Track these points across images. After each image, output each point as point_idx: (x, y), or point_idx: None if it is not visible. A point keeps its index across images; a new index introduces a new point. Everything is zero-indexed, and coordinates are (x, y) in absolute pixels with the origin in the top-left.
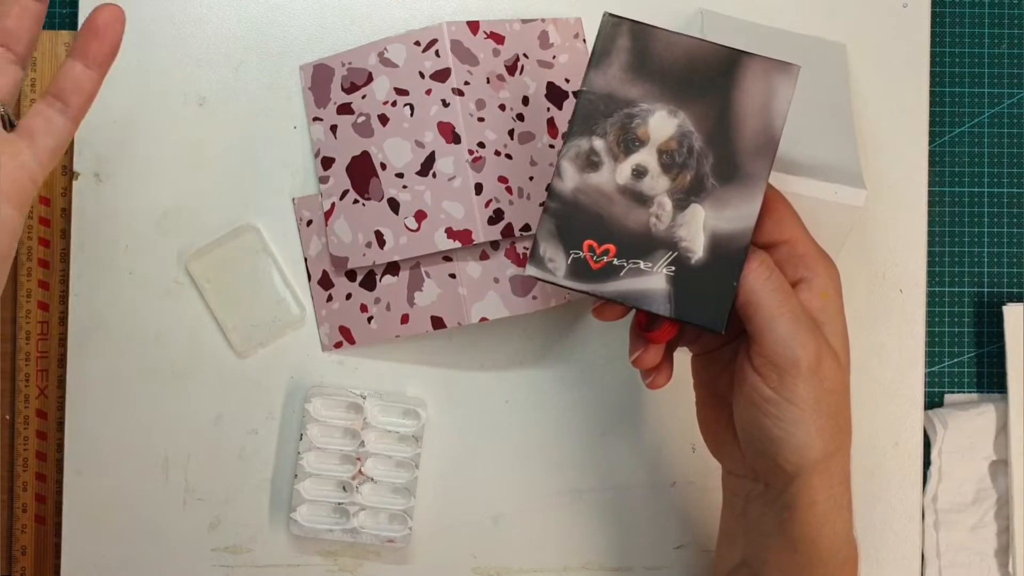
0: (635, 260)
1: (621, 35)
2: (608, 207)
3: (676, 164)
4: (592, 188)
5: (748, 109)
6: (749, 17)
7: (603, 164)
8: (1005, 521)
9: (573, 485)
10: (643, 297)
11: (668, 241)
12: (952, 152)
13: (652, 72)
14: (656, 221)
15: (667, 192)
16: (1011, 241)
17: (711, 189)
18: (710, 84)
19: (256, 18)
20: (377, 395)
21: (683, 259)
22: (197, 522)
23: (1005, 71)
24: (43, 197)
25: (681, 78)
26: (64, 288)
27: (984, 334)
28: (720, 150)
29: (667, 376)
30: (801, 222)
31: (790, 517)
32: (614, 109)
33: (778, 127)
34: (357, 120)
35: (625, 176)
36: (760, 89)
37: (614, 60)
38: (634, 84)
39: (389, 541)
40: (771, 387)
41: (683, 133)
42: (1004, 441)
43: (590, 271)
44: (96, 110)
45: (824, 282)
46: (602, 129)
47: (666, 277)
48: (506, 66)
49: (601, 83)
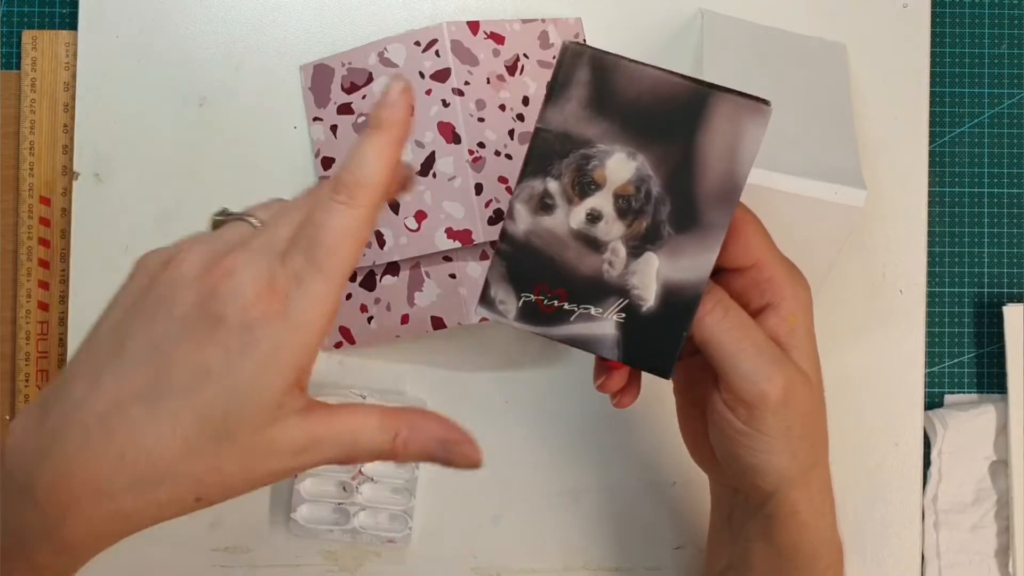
0: (586, 306)
1: (581, 66)
2: (561, 251)
3: (632, 210)
4: (545, 231)
5: (713, 152)
6: (749, 17)
7: (557, 207)
8: (1005, 521)
9: (573, 485)
10: (593, 342)
11: (620, 288)
12: (952, 152)
13: (612, 109)
14: (609, 267)
15: (621, 238)
16: (1011, 241)
17: (667, 237)
18: (674, 123)
19: (256, 18)
20: (377, 395)
21: (634, 307)
22: (197, 522)
23: (1005, 71)
24: (43, 197)
25: (643, 116)
26: (64, 288)
27: (984, 334)
28: (679, 197)
29: (633, 395)
30: (769, 241)
31: (772, 526)
32: (570, 149)
33: (743, 174)
34: (357, 120)
35: (579, 220)
36: (728, 131)
37: (572, 95)
38: (592, 122)
39: (389, 541)
40: (742, 420)
41: (641, 177)
42: (1004, 441)
43: (540, 314)
44: (96, 110)
45: (792, 305)
46: (557, 170)
47: (616, 324)
48: (506, 66)
49: (558, 120)
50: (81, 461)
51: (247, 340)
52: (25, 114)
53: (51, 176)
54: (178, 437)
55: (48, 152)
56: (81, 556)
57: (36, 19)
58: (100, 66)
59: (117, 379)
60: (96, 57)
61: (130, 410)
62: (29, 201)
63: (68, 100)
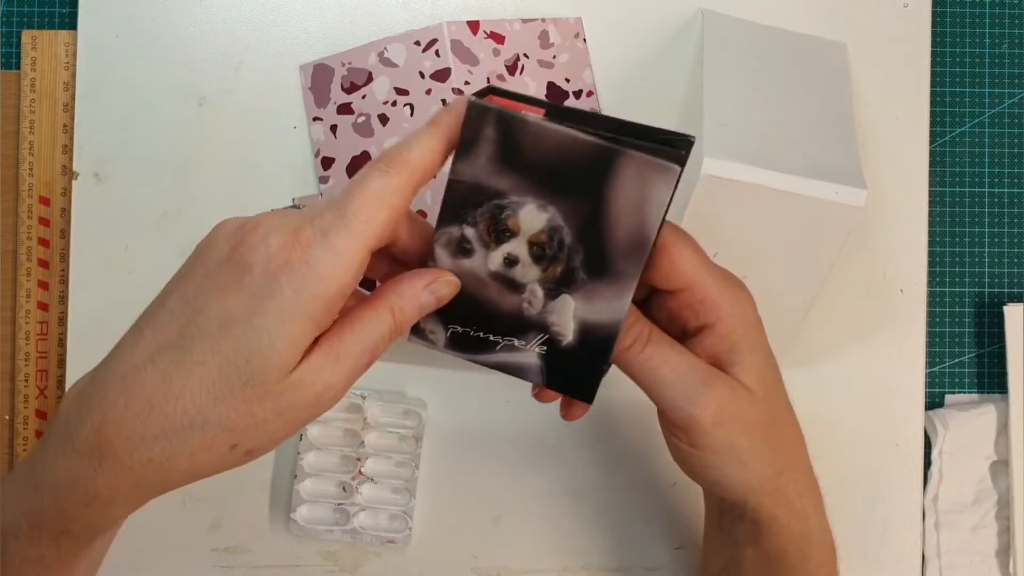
0: (509, 338)
1: (487, 124)
2: (482, 290)
3: (547, 256)
4: (466, 272)
5: (621, 208)
6: (749, 17)
7: (475, 251)
8: (1006, 521)
9: (573, 485)
10: (519, 369)
11: (540, 324)
12: (953, 152)
13: (521, 164)
14: (528, 306)
15: (538, 281)
16: (1012, 241)
17: (581, 283)
18: (582, 179)
19: (256, 18)
20: (377, 395)
21: (554, 340)
22: (197, 522)
23: (1006, 71)
24: (43, 197)
25: (551, 171)
26: (64, 288)
27: (984, 334)
28: (591, 246)
29: (582, 409)
30: (700, 260)
31: (756, 531)
32: (483, 199)
33: (651, 230)
34: (357, 120)
35: (497, 263)
36: (634, 188)
37: (481, 151)
38: (502, 175)
39: (389, 541)
40: (684, 442)
41: (553, 227)
42: (1005, 441)
43: (468, 343)
44: (96, 110)
45: (729, 323)
46: (472, 218)
47: (538, 355)
48: (506, 66)
49: (469, 173)
50: (117, 410)
51: (271, 287)
52: (25, 114)
53: (51, 176)
54: (205, 384)
55: (48, 152)
56: (111, 512)
57: (36, 19)
58: (100, 66)
59: (154, 331)
60: (96, 57)
61: (161, 360)
62: (29, 201)
63: (68, 100)
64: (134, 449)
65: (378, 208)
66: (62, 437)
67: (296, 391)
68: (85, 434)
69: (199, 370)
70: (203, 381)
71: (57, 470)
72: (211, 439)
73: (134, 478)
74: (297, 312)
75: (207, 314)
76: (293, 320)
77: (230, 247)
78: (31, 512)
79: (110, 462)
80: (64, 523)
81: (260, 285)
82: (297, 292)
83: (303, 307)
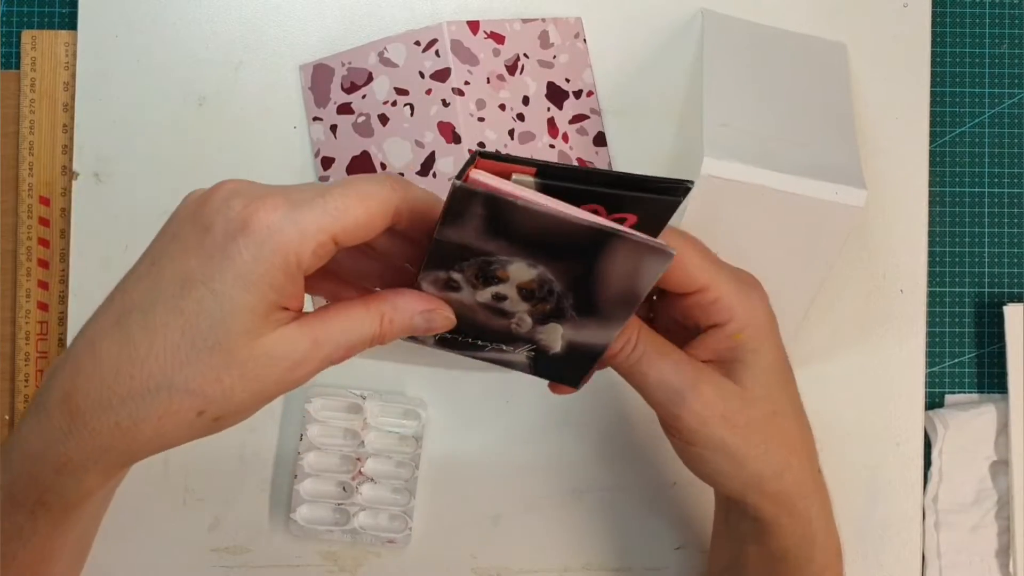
0: (498, 344)
1: (474, 204)
2: (470, 314)
3: (536, 298)
4: (454, 301)
5: (612, 277)
6: (749, 17)
7: (463, 288)
8: (1006, 521)
9: (573, 485)
10: (506, 364)
11: (528, 339)
12: (952, 152)
13: (511, 236)
14: (516, 327)
15: (527, 312)
16: (1012, 241)
17: (570, 318)
18: (575, 252)
19: (256, 18)
20: (377, 395)
21: (542, 350)
22: (197, 522)
23: (1006, 71)
24: (43, 197)
25: (543, 244)
26: (64, 288)
27: (984, 334)
28: (581, 295)
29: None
30: (712, 263)
31: (761, 529)
32: (470, 256)
33: (642, 292)
34: (357, 120)
35: (486, 299)
36: (627, 265)
37: (468, 224)
38: (491, 241)
39: (389, 541)
40: (679, 439)
41: (542, 280)
42: (1005, 441)
43: (457, 345)
44: (96, 110)
45: (737, 324)
46: (459, 267)
47: (527, 356)
48: (506, 66)
49: (455, 236)
50: (84, 375)
51: (228, 249)
52: (25, 114)
53: (51, 176)
54: (169, 346)
55: (48, 152)
56: (84, 481)
57: (36, 19)
58: (100, 66)
59: (122, 294)
60: (96, 57)
61: (127, 322)
62: (29, 201)
63: (68, 100)
64: (101, 412)
65: (357, 203)
66: (36, 406)
67: (263, 363)
68: (55, 399)
69: (163, 331)
70: (167, 343)
71: (29, 437)
72: (177, 403)
73: (102, 442)
74: (255, 279)
75: (168, 274)
76: (250, 286)
77: (197, 205)
78: (5, 483)
79: (78, 426)
80: (37, 492)
81: (219, 246)
82: (255, 258)
83: (261, 274)
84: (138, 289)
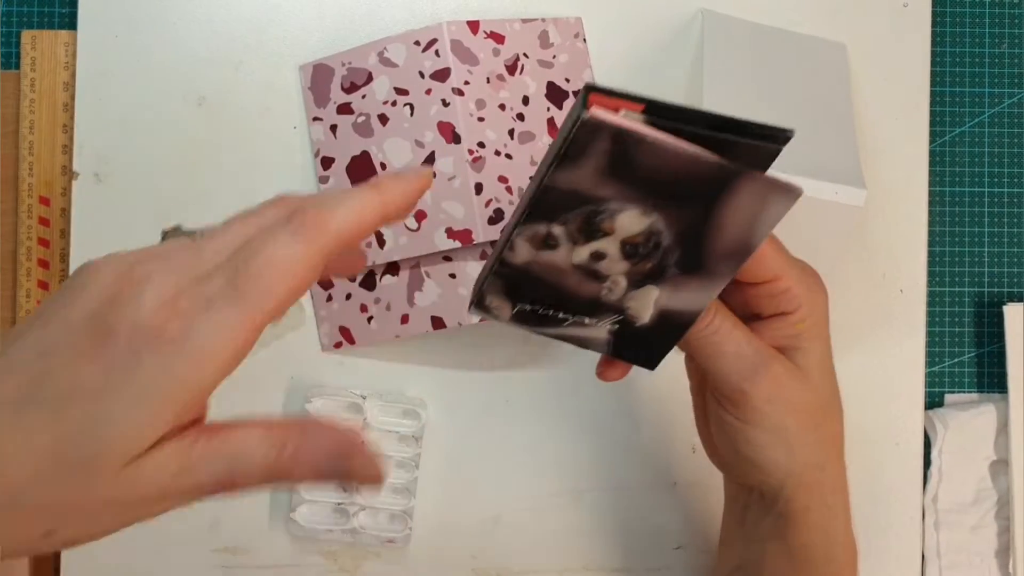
0: (580, 316)
1: (600, 140)
2: (560, 278)
3: (638, 255)
4: (545, 262)
5: (731, 222)
6: (749, 17)
7: (560, 246)
8: (1006, 521)
9: (573, 485)
10: (583, 341)
11: (616, 307)
12: (952, 152)
13: (630, 177)
14: (608, 292)
15: (624, 273)
16: (1011, 241)
17: (670, 277)
18: (696, 194)
19: (256, 18)
20: (377, 395)
21: (628, 322)
22: (197, 522)
23: (1005, 71)
24: (43, 197)
25: (664, 185)
26: None
27: (984, 334)
28: (689, 248)
29: (619, 371)
30: (785, 255)
31: (784, 524)
32: (579, 204)
33: (758, 242)
34: (357, 120)
35: (582, 258)
36: (750, 207)
37: (586, 163)
38: (607, 185)
39: (389, 541)
40: (733, 415)
41: (651, 232)
42: (1004, 441)
43: (535, 319)
44: (96, 110)
45: (802, 314)
46: (563, 219)
47: (608, 331)
48: (506, 66)
49: (567, 181)
50: None
51: (130, 363)
52: (24, 114)
53: (51, 176)
54: (32, 458)
55: (48, 152)
56: None
57: (36, 19)
58: (100, 66)
59: None
60: (96, 57)
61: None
62: (28, 201)
63: (68, 100)
64: None
65: (279, 280)
66: None
67: (129, 486)
68: None
69: (32, 440)
70: (32, 453)
71: None
72: (24, 521)
73: None
74: (156, 396)
75: (56, 378)
76: (149, 404)
77: (101, 300)
78: None
79: None
80: None
81: (120, 358)
82: (162, 372)
83: (165, 391)
84: (16, 380)
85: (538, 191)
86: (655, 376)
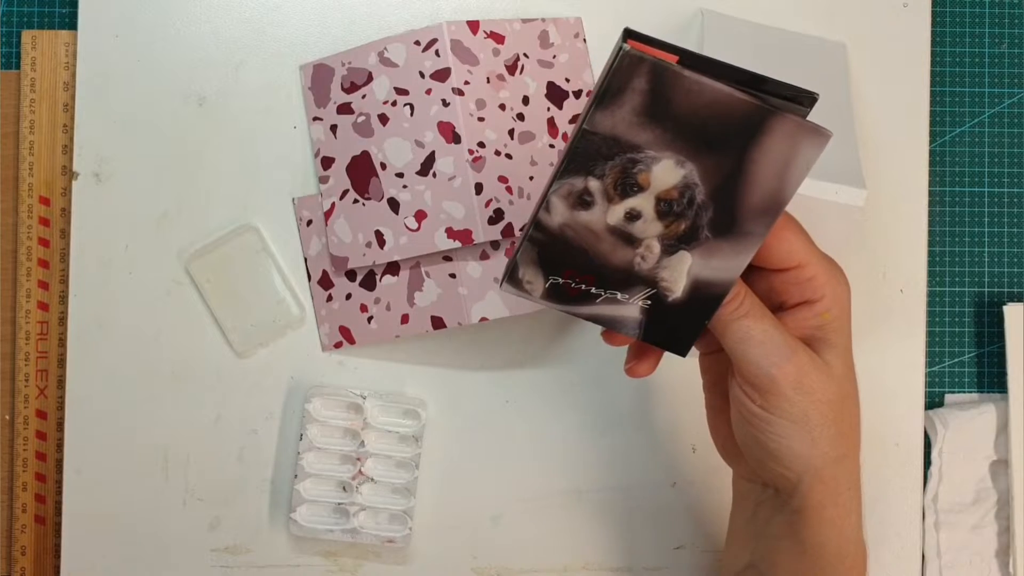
0: (613, 291)
1: (639, 75)
2: (594, 243)
3: (673, 213)
4: (580, 224)
5: (763, 170)
6: (749, 17)
7: (595, 204)
8: (1006, 521)
9: (573, 485)
10: (615, 321)
11: (649, 279)
12: (952, 152)
13: (667, 118)
14: (641, 261)
15: (657, 237)
16: (1011, 241)
17: (703, 240)
18: (730, 137)
19: (256, 18)
20: (377, 395)
21: (660, 296)
22: (197, 522)
23: (1005, 71)
24: (43, 197)
25: (698, 127)
26: (64, 288)
27: (984, 334)
28: (722, 205)
29: (648, 366)
30: (810, 243)
31: (799, 521)
32: (616, 152)
33: (790, 192)
34: (357, 120)
35: (617, 218)
36: (782, 151)
37: (626, 102)
38: (644, 128)
39: (389, 541)
40: (757, 404)
41: (687, 184)
42: (1005, 441)
43: (567, 295)
44: (96, 110)
45: (827, 304)
46: (600, 171)
47: (640, 308)
48: (506, 66)
49: (607, 124)
50: None
51: None
52: (25, 114)
53: (51, 176)
54: None
55: (48, 152)
56: None
57: (36, 19)
58: (100, 66)
59: None
60: (96, 57)
61: None
62: (29, 201)
63: (68, 100)
64: None
65: None
66: None
67: None
68: None
69: None
70: None
71: None
72: None
73: None
74: None
75: None
76: None
77: None
78: None
79: None
80: None
81: None
82: None
83: None
84: None
85: (578, 137)
86: (655, 376)
